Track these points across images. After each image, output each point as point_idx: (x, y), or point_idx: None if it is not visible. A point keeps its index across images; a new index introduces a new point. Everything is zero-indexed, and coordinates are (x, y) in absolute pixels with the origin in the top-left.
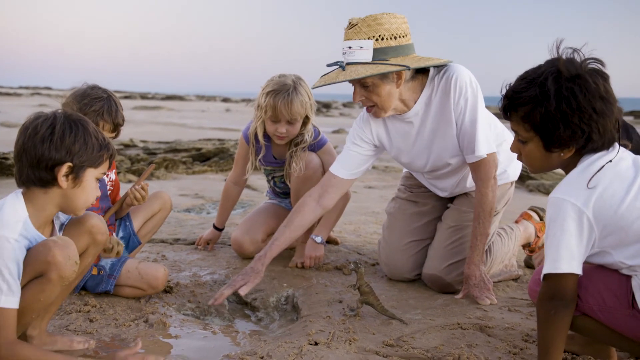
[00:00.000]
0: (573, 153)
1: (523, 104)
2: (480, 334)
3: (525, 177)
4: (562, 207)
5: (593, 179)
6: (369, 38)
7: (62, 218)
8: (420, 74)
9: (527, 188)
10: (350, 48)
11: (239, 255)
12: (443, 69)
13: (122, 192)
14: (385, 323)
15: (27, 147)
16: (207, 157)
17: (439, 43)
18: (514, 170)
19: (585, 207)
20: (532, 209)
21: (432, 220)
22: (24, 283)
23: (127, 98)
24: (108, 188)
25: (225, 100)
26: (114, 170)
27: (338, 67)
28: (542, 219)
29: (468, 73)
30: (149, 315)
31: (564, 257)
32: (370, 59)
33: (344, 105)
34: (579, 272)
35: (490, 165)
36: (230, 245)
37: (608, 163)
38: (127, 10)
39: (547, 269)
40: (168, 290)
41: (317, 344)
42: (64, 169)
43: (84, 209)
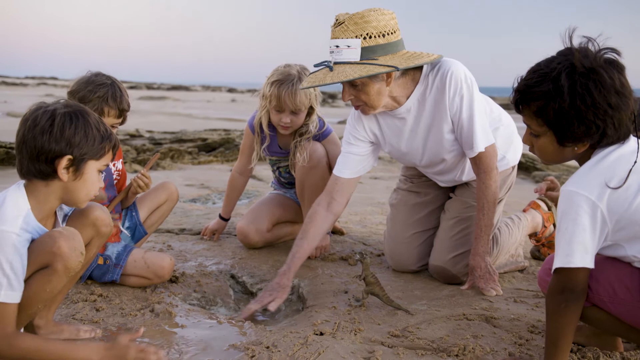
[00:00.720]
0: (587, 147)
1: (536, 99)
2: (486, 325)
3: (532, 168)
4: (575, 200)
5: (608, 174)
6: (357, 36)
7: (65, 209)
8: (412, 70)
9: (533, 179)
10: (338, 47)
11: (245, 245)
12: (437, 65)
13: (128, 182)
14: (391, 313)
15: (27, 139)
16: (212, 147)
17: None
18: (514, 154)
19: (600, 200)
20: (540, 198)
21: (434, 210)
22: (30, 274)
23: (133, 88)
24: (114, 177)
25: (231, 91)
26: (121, 160)
27: (325, 66)
28: (550, 209)
29: (462, 68)
30: (155, 305)
31: (577, 251)
32: (358, 59)
33: None
34: (592, 265)
35: (491, 157)
36: (236, 236)
37: (634, 165)
38: (133, 1)
39: (559, 263)
40: (174, 280)
41: (322, 334)
42: (64, 162)
43: (86, 202)
